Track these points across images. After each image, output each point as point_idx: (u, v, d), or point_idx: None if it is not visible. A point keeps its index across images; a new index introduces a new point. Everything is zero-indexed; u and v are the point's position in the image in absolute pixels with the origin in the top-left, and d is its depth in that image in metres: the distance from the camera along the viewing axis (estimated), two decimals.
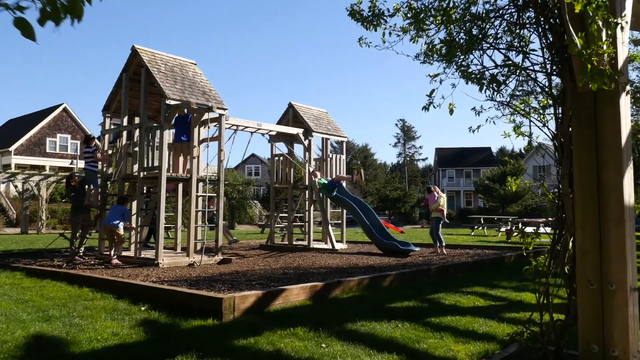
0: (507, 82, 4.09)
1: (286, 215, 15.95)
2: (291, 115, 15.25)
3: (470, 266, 10.27)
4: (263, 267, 10.22)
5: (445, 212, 13.99)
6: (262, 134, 14.49)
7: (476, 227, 25.03)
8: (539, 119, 4.08)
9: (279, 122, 15.34)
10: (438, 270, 9.32)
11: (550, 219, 22.14)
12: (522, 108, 4.22)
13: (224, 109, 11.40)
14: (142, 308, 6.14)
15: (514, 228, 19.61)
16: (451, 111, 4.23)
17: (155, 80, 10.56)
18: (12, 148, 44.75)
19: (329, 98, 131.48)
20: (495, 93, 4.06)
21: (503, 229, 23.48)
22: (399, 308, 6.40)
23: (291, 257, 12.38)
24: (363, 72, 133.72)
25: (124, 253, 11.11)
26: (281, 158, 15.62)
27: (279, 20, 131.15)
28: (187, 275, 8.83)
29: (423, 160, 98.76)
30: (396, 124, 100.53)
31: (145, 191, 12.55)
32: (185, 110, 11.07)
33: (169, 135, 10.87)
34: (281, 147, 15.67)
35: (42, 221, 27.62)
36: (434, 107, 4.33)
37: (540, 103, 4.31)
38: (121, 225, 10.52)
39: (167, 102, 10.36)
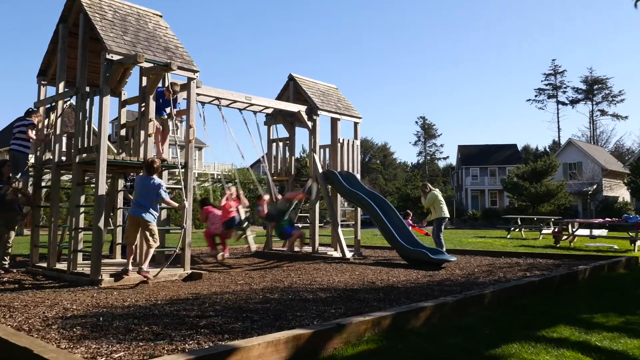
0: None
1: None
2: (292, 91, 12.26)
3: (537, 286, 7.16)
4: (240, 287, 7.25)
5: (440, 210, 11.68)
6: (254, 113, 11.51)
7: (512, 228, 21.75)
8: None
9: (278, 100, 12.35)
10: (495, 297, 6.23)
11: (614, 219, 18.85)
12: None
13: (193, 71, 8.46)
14: None
15: (569, 230, 16.35)
16: None
17: (96, 29, 7.68)
18: None
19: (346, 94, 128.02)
20: None
21: (545, 231, 20.20)
22: None
23: (286, 269, 9.36)
24: (381, 68, 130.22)
25: (58, 265, 8.23)
26: (280, 144, 12.65)
27: (292, 17, 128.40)
28: (113, 303, 5.88)
29: (444, 159, 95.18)
30: (416, 122, 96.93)
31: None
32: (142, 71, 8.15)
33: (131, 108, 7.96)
34: (282, 131, 12.71)
35: None
36: None
37: None
38: (154, 218, 7.57)
39: (108, 56, 7.46)
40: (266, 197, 11.12)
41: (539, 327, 5.11)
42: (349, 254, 11.14)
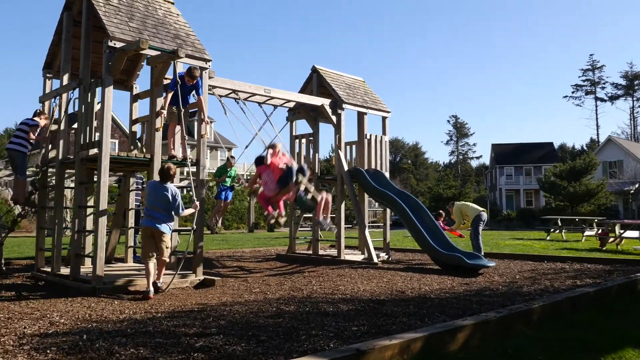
0: None
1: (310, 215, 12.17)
2: (315, 84, 11.50)
3: (592, 298, 6.23)
4: (254, 297, 6.52)
5: (474, 209, 10.96)
6: (275, 107, 10.79)
7: (552, 230, 20.51)
8: None
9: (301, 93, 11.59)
10: (544, 311, 5.34)
11: None
12: None
13: (205, 60, 7.78)
14: None
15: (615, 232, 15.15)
16: None
17: (99, 14, 7.08)
18: None
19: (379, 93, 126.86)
20: None
21: (588, 233, 18.93)
22: None
23: (307, 275, 8.60)
24: (411, 66, 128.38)
25: (63, 270, 7.66)
26: (302, 140, 11.90)
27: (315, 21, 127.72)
28: (108, 316, 5.20)
29: (477, 158, 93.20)
30: (448, 121, 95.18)
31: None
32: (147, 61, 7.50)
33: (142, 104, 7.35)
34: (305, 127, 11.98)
35: None
36: None
37: None
38: (169, 229, 6.78)
39: (111, 43, 6.84)
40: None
41: (601, 350, 4.23)
42: (376, 259, 10.32)
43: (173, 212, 6.72)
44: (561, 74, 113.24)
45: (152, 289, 6.51)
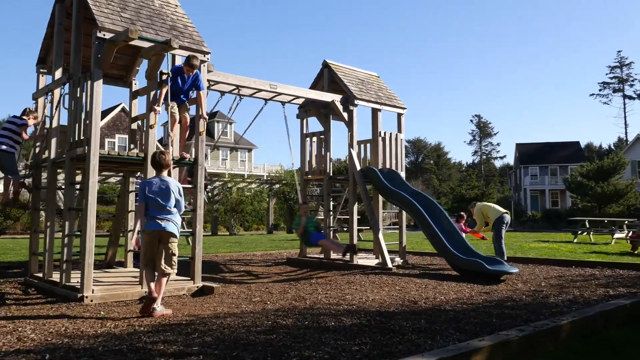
0: None
1: (323, 217, 11.61)
2: (326, 79, 10.94)
3: (629, 311, 5.54)
4: (252, 307, 5.99)
5: (495, 210, 10.32)
6: (282, 103, 10.25)
7: (579, 232, 19.58)
8: None
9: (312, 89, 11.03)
10: (574, 328, 4.69)
11: None
12: None
13: (203, 52, 7.29)
14: None
15: None
16: None
17: (88, 4, 6.63)
18: None
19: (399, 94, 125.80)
20: None
21: (618, 235, 18.01)
22: None
23: (314, 283, 8.03)
24: (433, 66, 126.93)
25: (53, 276, 7.23)
26: (314, 139, 11.35)
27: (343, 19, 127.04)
28: (84, 331, 4.70)
29: (501, 158, 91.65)
30: (471, 120, 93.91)
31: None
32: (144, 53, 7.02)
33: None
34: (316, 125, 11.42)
35: None
36: None
37: None
38: (178, 231, 5.77)
39: (100, 34, 6.38)
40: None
41: None
42: (391, 263, 9.71)
43: (177, 210, 5.73)
44: (588, 71, 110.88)
45: (159, 304, 5.53)
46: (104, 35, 6.39)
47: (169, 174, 6.40)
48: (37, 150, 8.02)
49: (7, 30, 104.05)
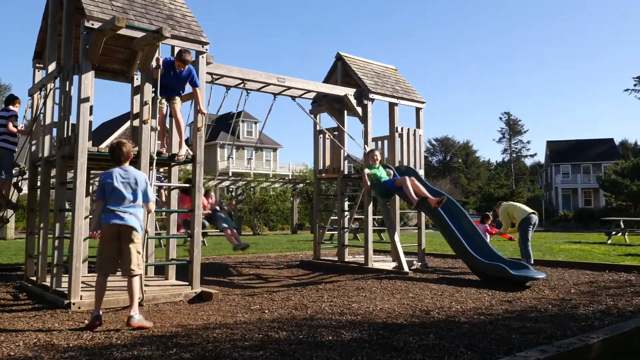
0: None
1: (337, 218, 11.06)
2: (340, 73, 10.40)
3: None
4: (247, 317, 5.50)
5: (521, 210, 9.69)
6: (292, 98, 9.74)
7: (614, 232, 18.59)
8: None
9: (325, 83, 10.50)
10: (606, 346, 4.07)
11: None
12: None
13: (201, 43, 6.84)
14: None
15: None
16: None
17: None
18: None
19: (424, 92, 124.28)
20: None
21: None
22: None
23: (321, 289, 7.50)
24: (462, 64, 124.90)
25: (47, 280, 6.88)
26: (327, 136, 10.83)
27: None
28: (58, 343, 4.27)
29: (531, 156, 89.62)
30: (500, 118, 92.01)
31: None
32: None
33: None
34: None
35: None
36: None
37: None
38: (141, 226, 5.17)
39: (88, 24, 5.99)
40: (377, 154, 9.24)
41: None
42: (407, 267, 9.13)
43: (142, 200, 5.15)
44: (622, 65, 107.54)
45: (101, 312, 4.95)
46: (92, 24, 5.99)
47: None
48: (33, 148, 7.70)
49: (7, 30, 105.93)
